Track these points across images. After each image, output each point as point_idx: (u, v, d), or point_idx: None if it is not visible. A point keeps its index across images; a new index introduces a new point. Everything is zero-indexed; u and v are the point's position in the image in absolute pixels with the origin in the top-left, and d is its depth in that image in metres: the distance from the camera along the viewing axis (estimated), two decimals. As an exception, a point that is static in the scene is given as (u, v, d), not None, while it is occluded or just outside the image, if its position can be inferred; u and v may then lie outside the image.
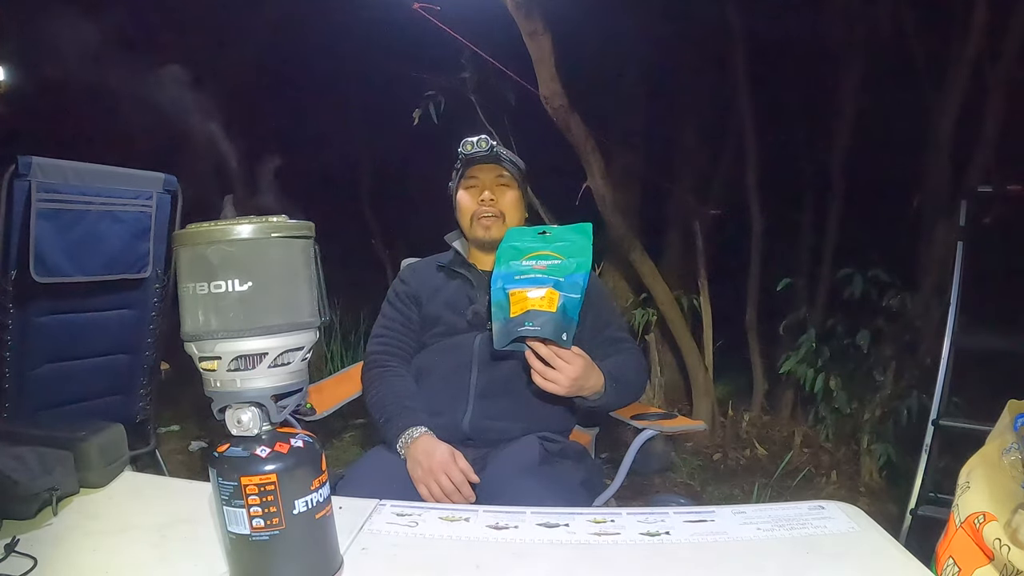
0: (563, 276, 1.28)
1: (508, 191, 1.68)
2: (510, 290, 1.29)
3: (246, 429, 0.77)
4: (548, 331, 1.24)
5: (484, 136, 1.64)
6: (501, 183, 1.67)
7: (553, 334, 1.24)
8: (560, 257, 1.31)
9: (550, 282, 1.27)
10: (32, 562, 0.87)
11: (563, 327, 1.26)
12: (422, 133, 3.30)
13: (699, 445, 3.37)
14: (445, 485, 1.32)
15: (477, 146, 1.63)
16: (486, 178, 1.67)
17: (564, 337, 1.26)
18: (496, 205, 1.65)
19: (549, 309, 1.25)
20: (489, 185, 1.66)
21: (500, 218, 1.65)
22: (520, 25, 2.55)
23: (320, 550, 0.81)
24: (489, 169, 1.67)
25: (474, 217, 1.66)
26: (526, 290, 1.27)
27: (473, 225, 1.66)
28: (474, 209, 1.66)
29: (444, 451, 1.37)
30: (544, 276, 1.29)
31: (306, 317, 0.79)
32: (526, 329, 1.25)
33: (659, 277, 3.21)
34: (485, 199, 1.64)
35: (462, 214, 1.69)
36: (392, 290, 1.74)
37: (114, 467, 1.13)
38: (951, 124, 2.81)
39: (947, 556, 1.12)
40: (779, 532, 0.93)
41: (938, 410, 2.24)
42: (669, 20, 3.47)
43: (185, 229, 0.75)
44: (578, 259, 1.31)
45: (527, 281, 1.29)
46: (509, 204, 1.67)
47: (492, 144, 1.64)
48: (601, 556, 0.88)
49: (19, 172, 1.83)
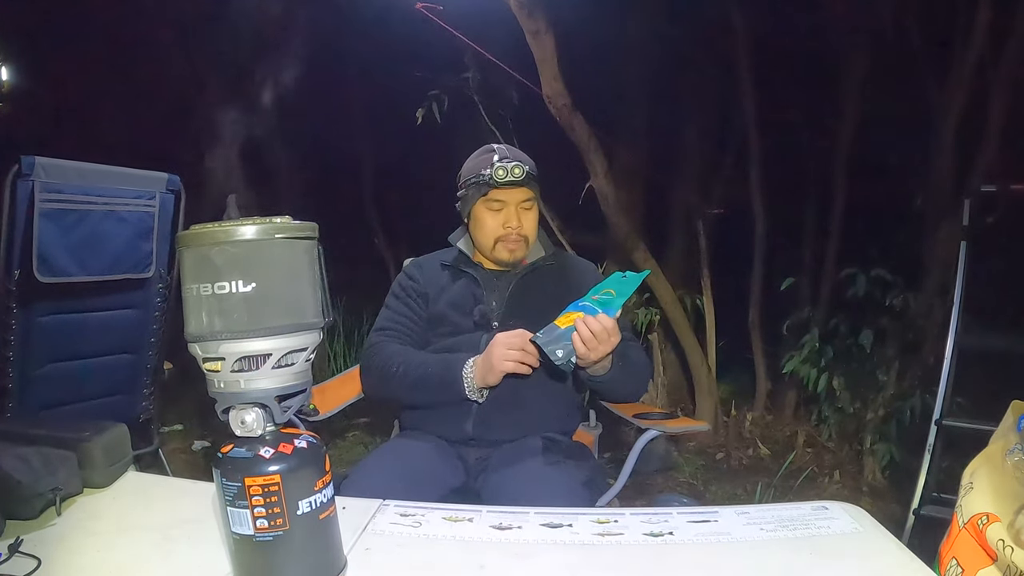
0: (600, 308, 1.35)
1: (530, 213, 1.63)
2: (568, 311, 1.38)
3: (250, 430, 0.77)
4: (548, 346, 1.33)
5: (518, 162, 1.56)
6: (525, 207, 1.61)
7: (549, 349, 1.33)
8: (613, 294, 1.38)
9: (589, 311, 1.35)
10: (36, 562, 0.87)
11: (561, 345, 1.34)
12: (425, 133, 3.29)
13: (702, 445, 3.37)
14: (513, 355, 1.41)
15: (511, 174, 1.54)
16: (511, 201, 1.59)
17: (560, 354, 1.33)
18: (522, 231, 1.61)
19: (560, 325, 1.35)
20: (515, 209, 1.60)
21: (524, 242, 1.62)
22: (523, 24, 2.55)
23: (324, 551, 0.81)
24: (516, 192, 1.59)
25: (499, 240, 1.61)
26: (573, 312, 1.37)
27: (497, 247, 1.61)
28: (499, 233, 1.60)
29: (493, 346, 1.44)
30: (590, 305, 1.37)
31: (310, 318, 0.79)
32: (536, 336, 1.36)
33: (662, 276, 3.20)
34: (513, 227, 1.59)
35: (484, 235, 1.62)
36: (398, 284, 1.72)
37: (118, 467, 1.13)
38: (954, 123, 2.80)
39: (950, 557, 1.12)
40: (782, 532, 0.93)
41: (941, 410, 2.24)
42: (672, 19, 3.47)
43: (189, 230, 0.75)
44: (617, 299, 1.37)
45: (580, 307, 1.37)
46: (532, 227, 1.63)
47: (526, 171, 1.56)
48: (605, 556, 0.89)
49: (22, 172, 1.82)
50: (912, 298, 2.93)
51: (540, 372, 1.48)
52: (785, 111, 3.57)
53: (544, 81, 2.67)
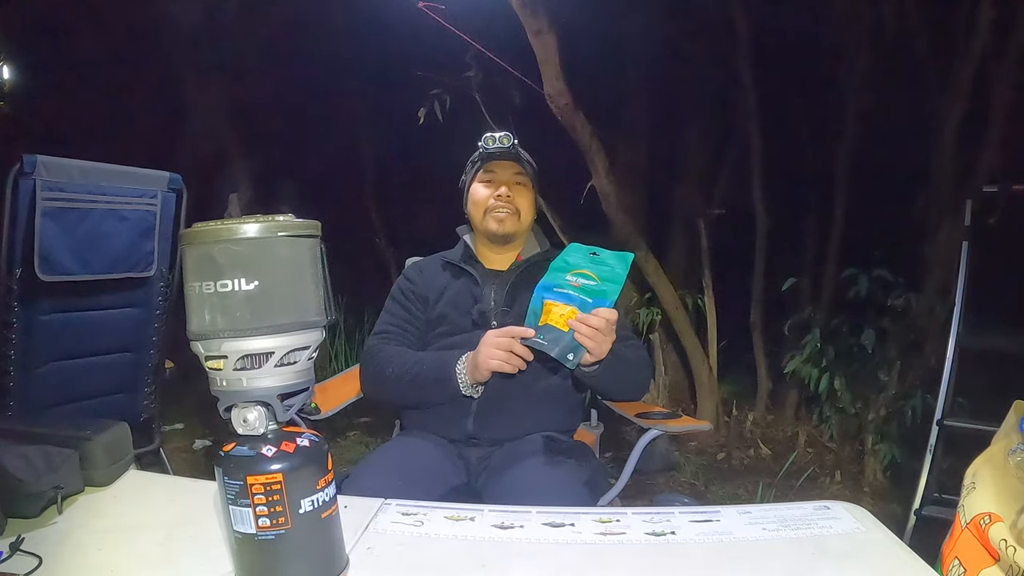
0: (591, 298, 1.33)
1: (524, 190, 1.67)
2: (546, 300, 1.35)
3: (252, 428, 0.77)
4: (554, 350, 1.31)
5: (507, 133, 1.64)
6: (518, 181, 1.67)
7: (559, 354, 1.31)
8: (596, 279, 1.36)
9: (577, 301, 1.33)
10: (37, 561, 0.87)
11: (571, 348, 1.32)
12: (427, 132, 3.29)
13: (703, 444, 3.37)
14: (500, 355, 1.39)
15: (499, 142, 1.63)
16: (504, 174, 1.66)
17: (571, 358, 1.31)
18: (512, 201, 1.64)
19: (563, 328, 1.32)
20: (507, 181, 1.66)
21: (515, 214, 1.65)
22: (525, 24, 2.55)
23: (326, 550, 0.81)
24: (508, 166, 1.66)
25: (488, 210, 1.65)
26: (557, 304, 1.34)
27: (486, 218, 1.65)
28: (489, 202, 1.65)
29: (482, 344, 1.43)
30: (575, 294, 1.34)
31: (312, 316, 0.79)
32: (535, 341, 1.33)
33: (663, 276, 3.21)
34: (502, 195, 1.64)
35: (475, 206, 1.67)
36: (397, 287, 1.73)
37: (119, 466, 1.13)
38: (956, 123, 2.80)
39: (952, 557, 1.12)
40: (785, 532, 0.93)
41: (943, 410, 2.24)
42: (674, 18, 3.47)
43: (192, 228, 0.75)
44: (609, 286, 1.35)
45: (561, 296, 1.35)
46: (524, 203, 1.67)
47: (514, 142, 1.64)
48: (607, 556, 0.88)
49: (24, 171, 1.83)
50: (914, 298, 2.93)
51: (541, 371, 1.48)
52: (786, 111, 3.57)
53: (546, 80, 2.67)
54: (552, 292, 1.36)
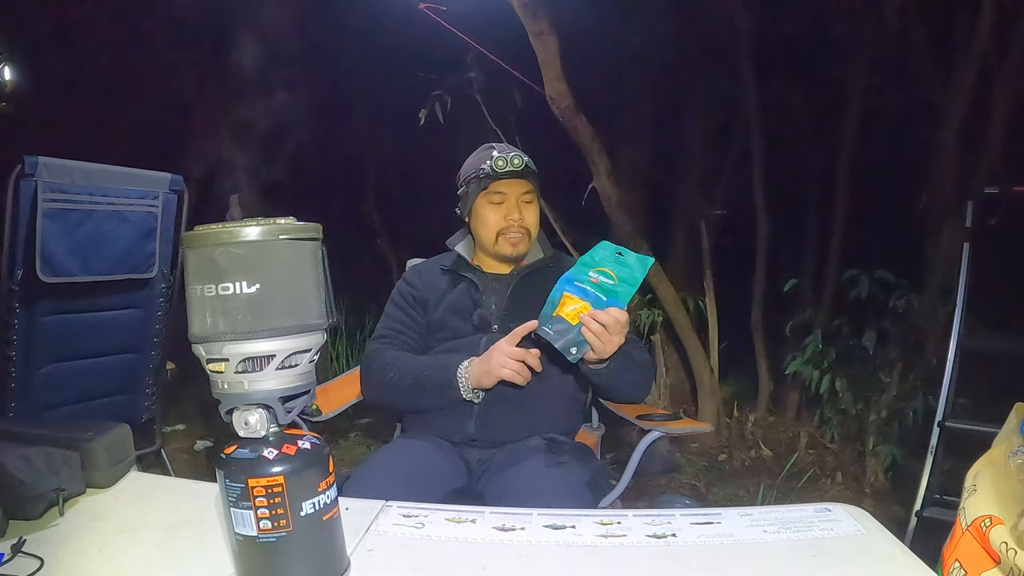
0: (606, 297, 1.33)
1: (532, 207, 1.64)
2: (565, 292, 1.36)
3: (253, 431, 0.77)
4: (559, 342, 1.32)
5: (518, 153, 1.59)
6: (526, 200, 1.63)
7: (562, 346, 1.32)
8: (615, 279, 1.36)
9: (592, 298, 1.33)
10: (39, 562, 0.87)
11: (575, 342, 1.32)
12: (427, 133, 3.29)
13: (704, 446, 3.37)
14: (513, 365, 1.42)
15: (511, 164, 1.57)
16: (512, 193, 1.61)
17: (573, 351, 1.33)
18: (523, 223, 1.61)
19: (573, 322, 1.32)
20: (516, 202, 1.61)
21: (526, 235, 1.62)
22: (526, 25, 2.55)
23: (327, 552, 0.81)
24: (516, 184, 1.61)
25: (500, 233, 1.61)
26: (573, 297, 1.35)
27: (499, 241, 1.62)
28: (501, 226, 1.61)
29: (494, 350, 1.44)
30: (592, 291, 1.35)
31: (314, 319, 0.79)
32: (544, 331, 1.34)
33: (665, 277, 3.20)
34: (515, 219, 1.60)
35: (486, 228, 1.62)
36: (397, 292, 1.72)
37: (120, 467, 1.14)
38: (957, 124, 2.80)
39: (953, 559, 1.12)
40: (785, 534, 0.93)
41: (944, 412, 2.23)
42: (675, 20, 3.47)
43: (193, 231, 0.75)
44: (624, 287, 1.35)
45: (579, 290, 1.35)
46: (534, 220, 1.64)
47: (525, 162, 1.59)
48: (608, 558, 0.88)
49: (25, 172, 1.83)
50: (915, 299, 2.92)
51: (543, 374, 1.47)
52: (788, 112, 3.57)
53: (547, 82, 2.67)
54: (572, 285, 1.36)
